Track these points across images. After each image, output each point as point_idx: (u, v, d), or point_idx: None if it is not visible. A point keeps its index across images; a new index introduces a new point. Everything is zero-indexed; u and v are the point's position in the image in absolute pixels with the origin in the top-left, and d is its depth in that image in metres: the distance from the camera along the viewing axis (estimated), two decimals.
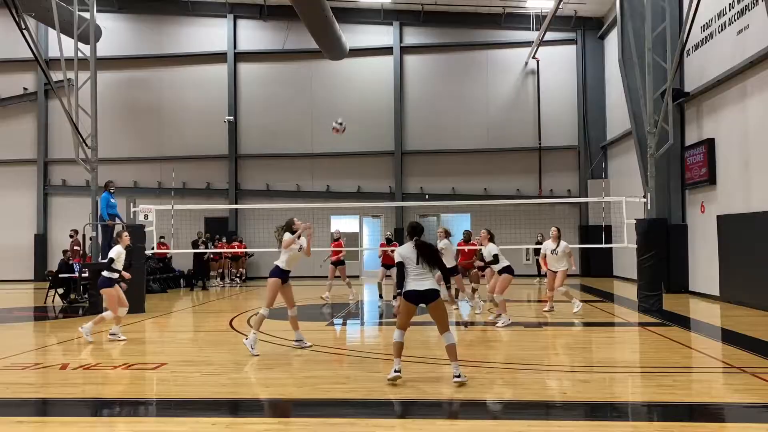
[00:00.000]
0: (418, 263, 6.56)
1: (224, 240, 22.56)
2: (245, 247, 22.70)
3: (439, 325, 6.61)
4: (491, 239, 11.21)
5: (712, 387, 6.52)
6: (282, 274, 8.54)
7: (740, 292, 13.30)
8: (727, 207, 14.13)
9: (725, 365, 7.47)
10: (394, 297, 6.83)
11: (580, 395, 6.15)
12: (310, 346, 8.76)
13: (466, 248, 13.80)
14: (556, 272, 12.39)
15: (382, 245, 16.11)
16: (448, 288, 7.11)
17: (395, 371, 6.50)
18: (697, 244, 15.76)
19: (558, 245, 12.28)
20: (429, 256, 6.58)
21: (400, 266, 6.64)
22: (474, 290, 13.04)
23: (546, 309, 12.70)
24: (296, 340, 8.84)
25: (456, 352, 6.50)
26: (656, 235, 12.80)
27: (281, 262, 8.60)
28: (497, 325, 10.61)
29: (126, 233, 10.44)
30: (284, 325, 9.86)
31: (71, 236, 19.45)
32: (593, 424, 5.33)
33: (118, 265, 9.99)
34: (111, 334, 9.85)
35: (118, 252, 10.01)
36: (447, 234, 12.85)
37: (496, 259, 10.94)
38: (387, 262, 14.98)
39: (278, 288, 8.54)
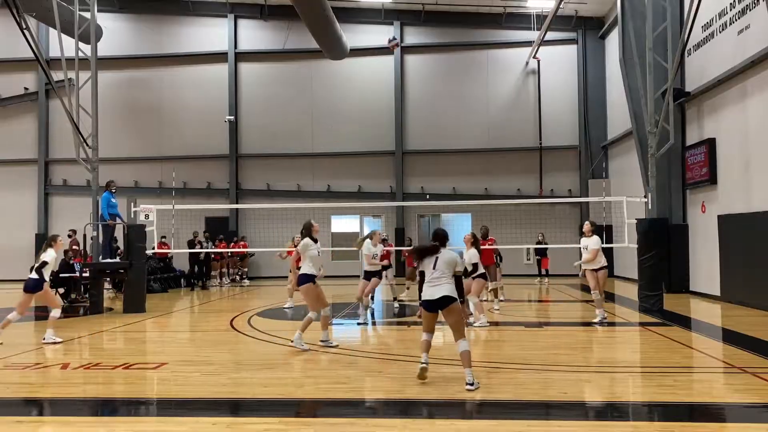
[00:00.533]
0: (434, 269, 6.57)
1: (223, 240, 22.54)
2: (247, 247, 22.71)
3: (453, 331, 6.58)
4: (474, 244, 10.77)
5: (713, 387, 6.51)
6: (312, 278, 8.67)
7: (741, 292, 13.29)
8: (728, 207, 14.12)
9: (726, 365, 7.46)
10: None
11: (581, 395, 6.14)
12: (336, 346, 8.78)
13: (487, 246, 13.13)
14: (593, 271, 10.97)
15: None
16: (462, 302, 6.88)
17: (422, 363, 6.50)
18: (698, 244, 15.75)
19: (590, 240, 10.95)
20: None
21: (421, 273, 6.76)
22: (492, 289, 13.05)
23: (596, 320, 10.91)
24: (322, 340, 8.87)
25: (470, 359, 6.42)
26: (657, 234, 12.79)
27: (307, 269, 8.71)
28: (473, 325, 10.59)
29: (61, 238, 10.31)
30: (284, 325, 9.89)
31: (69, 236, 19.46)
32: (594, 424, 5.33)
33: (49, 269, 9.85)
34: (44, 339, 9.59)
35: (52, 257, 9.82)
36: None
37: (475, 268, 10.67)
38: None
39: (315, 290, 8.64)
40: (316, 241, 8.83)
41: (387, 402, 6.04)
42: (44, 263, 9.70)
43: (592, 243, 10.86)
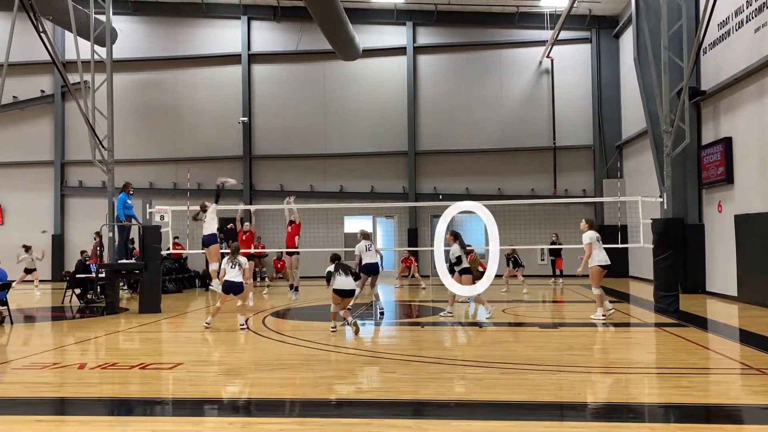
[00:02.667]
0: None
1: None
2: (264, 247, 22.71)
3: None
4: (456, 239, 11.70)
5: (730, 388, 6.45)
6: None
7: (759, 292, 13.15)
8: (744, 206, 13.98)
9: (743, 366, 7.39)
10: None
11: (596, 396, 6.11)
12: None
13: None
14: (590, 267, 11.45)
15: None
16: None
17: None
18: (715, 243, 15.61)
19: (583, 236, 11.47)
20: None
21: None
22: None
23: (594, 317, 11.31)
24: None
25: None
26: (673, 234, 12.69)
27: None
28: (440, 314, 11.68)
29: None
30: (299, 325, 9.92)
31: (95, 238, 19.66)
32: (609, 425, 5.30)
33: None
34: None
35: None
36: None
37: (459, 260, 11.56)
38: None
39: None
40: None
41: (402, 402, 6.05)
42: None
43: (584, 239, 11.40)
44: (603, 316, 11.17)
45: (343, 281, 9.88)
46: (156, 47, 25.93)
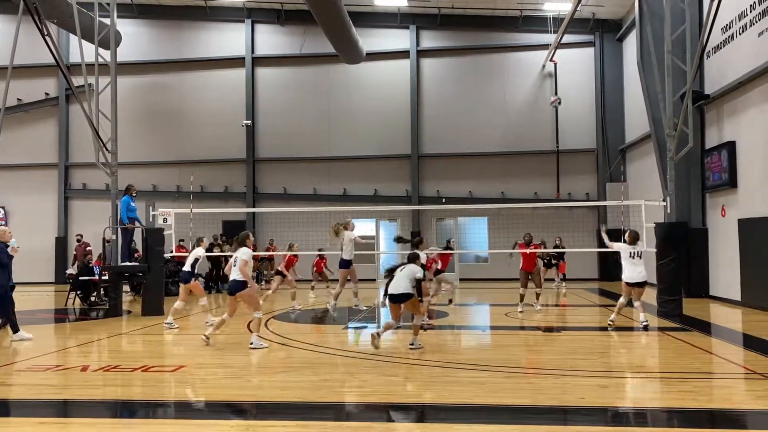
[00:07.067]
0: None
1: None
2: (275, 249, 22.60)
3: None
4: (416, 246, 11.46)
5: (734, 393, 6.43)
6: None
7: (762, 296, 13.11)
8: (748, 210, 13.95)
9: (747, 371, 7.37)
10: None
11: (599, 401, 6.10)
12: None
13: (528, 251, 13.15)
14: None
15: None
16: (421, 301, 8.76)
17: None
18: (718, 248, 15.57)
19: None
20: None
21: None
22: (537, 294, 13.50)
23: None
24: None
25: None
26: (676, 238, 12.64)
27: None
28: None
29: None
30: (300, 328, 9.93)
31: (78, 241, 19.78)
32: (612, 429, 5.29)
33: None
34: None
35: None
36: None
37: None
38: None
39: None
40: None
41: (405, 406, 6.04)
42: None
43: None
44: (645, 320, 10.54)
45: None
46: (160, 50, 26.00)
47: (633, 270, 10.61)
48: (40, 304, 17.23)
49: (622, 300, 10.88)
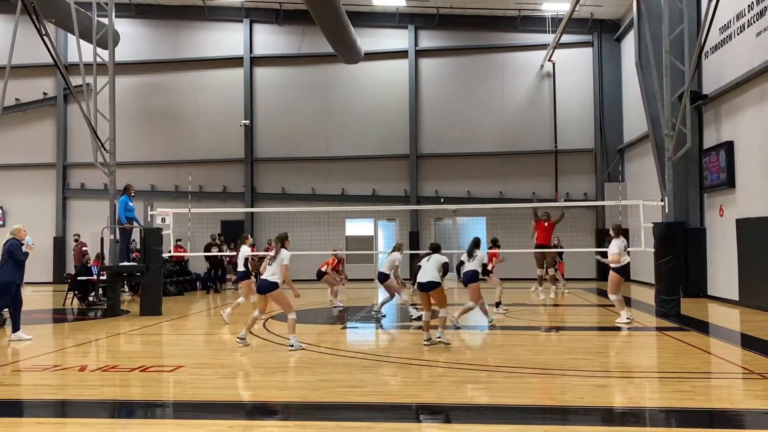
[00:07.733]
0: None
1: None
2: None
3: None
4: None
5: (732, 393, 6.44)
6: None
7: (760, 296, 13.12)
8: (746, 210, 13.96)
9: (745, 371, 7.37)
10: None
11: (598, 400, 6.10)
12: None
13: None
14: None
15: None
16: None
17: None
18: (716, 247, 15.59)
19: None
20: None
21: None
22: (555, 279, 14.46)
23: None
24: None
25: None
26: (674, 238, 12.65)
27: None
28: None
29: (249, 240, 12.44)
30: (299, 328, 9.91)
31: (76, 241, 19.75)
32: (611, 429, 5.30)
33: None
34: None
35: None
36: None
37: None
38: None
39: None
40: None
41: (403, 406, 6.04)
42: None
43: (612, 248, 11.24)
44: (628, 319, 11.04)
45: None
46: (158, 50, 25.96)
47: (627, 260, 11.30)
48: (37, 304, 17.20)
49: (618, 296, 11.34)
